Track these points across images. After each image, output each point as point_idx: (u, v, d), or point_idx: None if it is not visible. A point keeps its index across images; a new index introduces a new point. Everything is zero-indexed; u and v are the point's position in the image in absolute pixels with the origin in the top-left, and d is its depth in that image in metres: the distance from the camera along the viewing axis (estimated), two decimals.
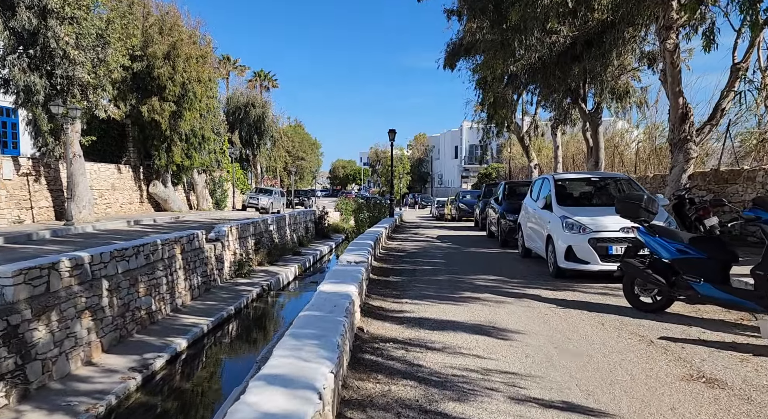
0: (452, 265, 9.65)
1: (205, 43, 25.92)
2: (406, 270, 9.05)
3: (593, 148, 16.30)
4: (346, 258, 7.56)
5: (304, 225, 28.44)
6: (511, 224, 11.91)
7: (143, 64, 21.25)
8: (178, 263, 12.49)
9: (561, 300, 6.44)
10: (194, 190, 29.76)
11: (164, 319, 11.27)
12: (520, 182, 15.59)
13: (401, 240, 14.91)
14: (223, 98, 39.69)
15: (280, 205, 37.00)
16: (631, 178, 9.24)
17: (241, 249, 17.56)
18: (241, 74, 57.87)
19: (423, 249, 12.29)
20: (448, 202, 34.08)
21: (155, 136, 23.29)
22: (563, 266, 7.67)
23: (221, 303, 13.05)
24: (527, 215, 9.99)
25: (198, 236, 13.84)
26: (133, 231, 17.34)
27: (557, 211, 8.15)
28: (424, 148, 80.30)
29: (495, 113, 23.16)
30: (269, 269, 18.76)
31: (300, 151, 55.27)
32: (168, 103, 21.91)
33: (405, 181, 69.17)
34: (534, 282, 7.68)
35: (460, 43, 23.05)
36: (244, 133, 38.61)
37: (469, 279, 8.06)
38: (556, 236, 7.87)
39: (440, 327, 5.26)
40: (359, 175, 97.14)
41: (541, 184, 9.56)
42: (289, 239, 24.70)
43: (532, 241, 9.59)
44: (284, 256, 21.66)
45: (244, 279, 16.45)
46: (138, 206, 24.12)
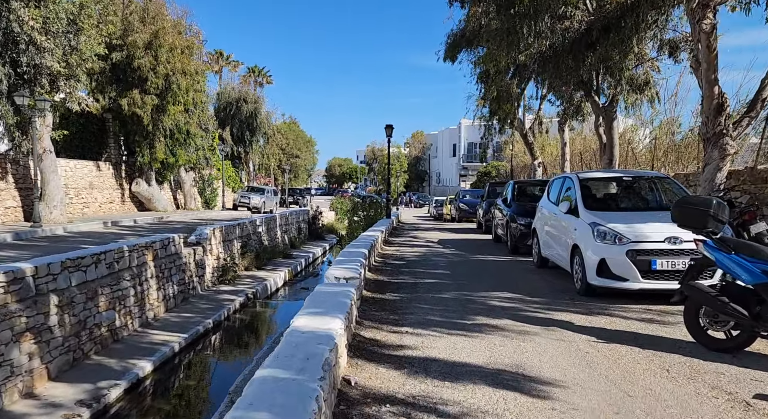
0: (459, 278, 8.35)
1: (191, 34, 24.51)
2: (406, 285, 7.75)
3: (607, 145, 15.01)
4: (334, 274, 6.26)
5: (296, 226, 27.11)
6: (522, 229, 10.63)
7: (123, 54, 19.86)
8: (150, 271, 11.15)
9: (599, 331, 5.15)
10: (181, 188, 28.38)
11: (131, 336, 9.95)
12: (531, 181, 14.28)
13: (399, 244, 13.61)
14: (214, 93, 38.33)
15: (272, 204, 35.64)
16: (671, 178, 7.96)
17: (226, 254, 16.24)
18: (234, 70, 56.42)
19: (423, 257, 11.00)
20: (447, 201, 32.78)
21: (137, 131, 21.90)
22: (595, 283, 6.38)
23: (199, 316, 11.73)
24: (544, 219, 8.70)
25: (174, 240, 12.51)
26: (109, 233, 15.98)
27: (585, 217, 6.86)
28: (422, 146, 79.00)
29: (498, 108, 21.87)
30: (257, 274, 17.44)
31: (294, 148, 53.86)
32: (150, 95, 20.53)
33: (402, 180, 67.85)
34: (559, 303, 6.39)
35: (462, 34, 21.75)
36: (235, 129, 37.20)
37: (481, 298, 6.77)
38: (584, 247, 6.58)
39: (453, 375, 3.97)
40: (356, 174, 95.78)
41: (561, 185, 8.27)
42: (280, 241, 23.38)
43: (550, 250, 8.30)
44: (274, 260, 20.34)
45: (227, 287, 15.13)
46: (119, 206, 22.74)
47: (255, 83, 58.22)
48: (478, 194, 26.83)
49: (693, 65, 10.04)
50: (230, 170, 37.40)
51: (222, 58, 55.73)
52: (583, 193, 7.30)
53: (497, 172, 44.28)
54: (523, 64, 15.28)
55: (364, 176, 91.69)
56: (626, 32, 11.98)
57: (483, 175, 46.73)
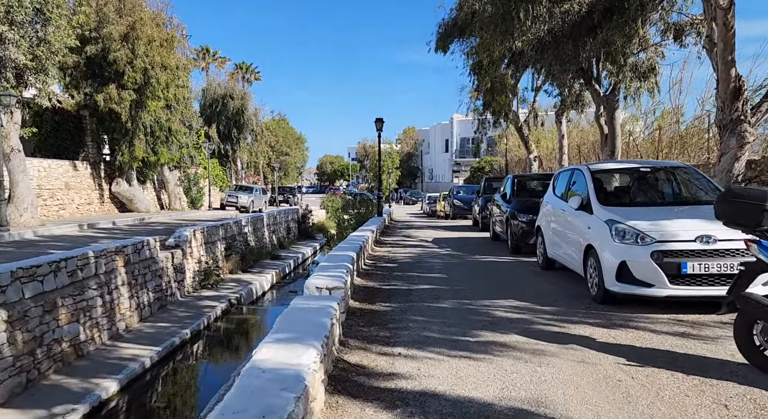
0: (457, 282, 7.53)
1: (172, 27, 23.49)
2: (399, 293, 6.92)
3: (608, 136, 14.24)
4: (316, 284, 5.42)
5: (285, 226, 26.20)
6: (524, 227, 9.82)
7: (98, 47, 18.83)
8: (121, 278, 10.25)
9: (628, 350, 4.34)
10: (165, 188, 27.38)
11: (98, 351, 9.05)
12: (531, 175, 13.45)
13: (391, 245, 12.77)
14: (199, 90, 37.27)
15: (261, 203, 34.68)
16: (695, 168, 7.16)
17: (208, 256, 15.34)
18: (221, 66, 55.27)
19: (417, 258, 10.17)
20: (440, 197, 32.00)
21: (115, 128, 20.89)
22: (614, 289, 5.57)
23: (176, 326, 10.84)
24: (550, 216, 7.89)
25: (149, 244, 11.60)
26: (83, 236, 15.03)
27: (600, 213, 6.05)
28: (414, 142, 78.15)
29: (492, 100, 21.07)
30: (242, 277, 16.55)
31: (284, 145, 52.82)
32: (127, 91, 19.52)
33: (394, 176, 66.99)
34: (574, 313, 5.58)
35: (454, 23, 20.92)
36: (222, 126, 36.16)
37: (484, 307, 5.95)
38: (601, 248, 5.77)
39: (460, 417, 3.14)
40: (347, 171, 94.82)
41: (569, 178, 7.46)
42: (268, 241, 22.48)
43: (557, 250, 7.50)
44: (261, 261, 19.45)
45: (210, 292, 14.24)
46: (99, 207, 21.74)
47: (243, 80, 57.18)
48: (472, 190, 26.06)
49: (707, 46, 9.26)
50: (217, 169, 36.41)
51: (208, 55, 54.62)
52: (595, 186, 6.48)
53: (491, 167, 43.56)
54: (519, 51, 14.47)
55: (356, 173, 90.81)
56: (630, 14, 11.21)
57: (476, 171, 45.99)
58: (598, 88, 14.09)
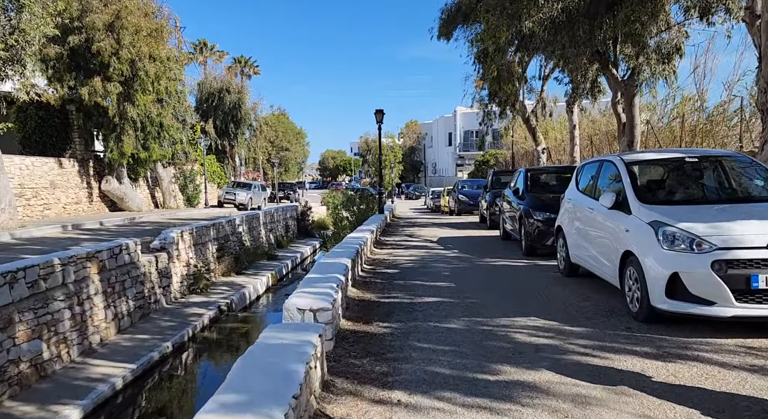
0: (467, 293, 6.51)
1: (162, 17, 22.44)
2: (400, 308, 5.90)
3: (626, 125, 13.15)
4: (297, 304, 4.42)
5: (283, 224, 25.22)
6: (540, 226, 8.78)
7: (81, 37, 17.81)
8: (94, 287, 9.28)
9: (700, 395, 3.32)
10: (159, 185, 26.41)
11: (65, 370, 8.09)
12: (546, 169, 12.34)
13: (392, 246, 11.75)
14: (194, 84, 36.24)
15: (260, 199, 33.70)
16: (751, 157, 6.09)
17: (198, 259, 14.37)
18: (219, 60, 54.21)
19: (421, 263, 9.14)
20: (444, 192, 30.93)
21: (102, 123, 19.92)
22: (663, 307, 4.54)
23: (156, 337, 9.87)
24: (573, 215, 6.85)
25: (128, 247, 10.62)
26: (65, 238, 14.08)
27: (641, 213, 5.01)
28: (417, 136, 76.98)
29: (499, 89, 19.96)
30: (235, 280, 15.59)
31: (284, 140, 51.77)
32: (113, 83, 18.50)
33: (397, 171, 65.90)
34: (614, 336, 4.56)
35: (458, 8, 19.80)
36: (219, 121, 35.13)
37: (502, 328, 4.93)
38: (644, 255, 4.74)
39: None
40: (350, 166, 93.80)
41: (597, 171, 6.41)
42: (265, 240, 21.50)
43: (583, 254, 6.47)
44: (256, 262, 18.48)
45: (199, 297, 13.27)
46: (87, 206, 20.78)
47: (242, 74, 56.15)
48: (478, 184, 25.00)
49: (747, 19, 8.19)
50: (215, 165, 35.43)
51: (206, 48, 53.61)
52: (632, 180, 5.43)
53: (496, 160, 42.50)
54: (529, 34, 13.34)
55: (358, 168, 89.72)
56: None
57: (481, 164, 44.94)
58: (616, 73, 12.98)
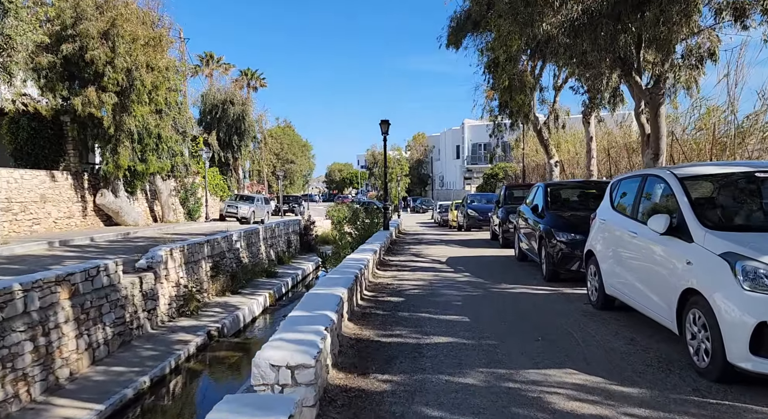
0: (485, 332, 5.48)
1: (162, 26, 21.78)
2: (404, 352, 4.88)
3: (651, 136, 12.12)
4: (271, 358, 3.43)
5: (285, 239, 24.29)
6: (564, 248, 7.74)
7: (75, 45, 17.09)
8: (64, 314, 8.32)
9: None
10: (159, 199, 25.59)
11: (22, 413, 7.09)
12: (569, 183, 11.25)
13: (397, 267, 10.72)
14: (198, 95, 35.69)
15: (263, 213, 32.83)
16: None
17: (189, 278, 13.41)
18: (225, 73, 53.96)
19: (429, 289, 8.12)
20: (452, 206, 29.94)
21: (98, 135, 19.15)
22: (745, 366, 3.51)
23: (134, 370, 8.87)
24: (609, 238, 5.83)
25: (107, 268, 9.68)
26: (48, 256, 13.19)
27: (708, 241, 3.98)
28: (424, 149, 76.15)
29: (510, 99, 19.01)
30: (229, 301, 14.61)
31: (289, 153, 51.06)
32: (108, 93, 17.73)
33: (404, 184, 64.97)
34: (681, 402, 3.51)
35: (467, 16, 18.98)
36: (222, 133, 34.41)
37: (533, 386, 3.90)
38: (715, 296, 3.71)
39: None
40: (356, 179, 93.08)
41: (639, 187, 5.40)
42: (265, 257, 20.56)
43: (622, 285, 5.45)
44: (255, 280, 17.52)
45: (188, 320, 12.29)
46: (81, 221, 19.94)
47: (248, 87, 55.83)
48: (487, 198, 23.99)
49: None
50: (217, 177, 34.64)
51: (212, 61, 53.44)
52: (690, 199, 4.41)
53: (505, 173, 41.49)
54: (545, 38, 12.41)
55: (365, 181, 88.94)
56: None
57: (490, 177, 43.95)
58: (640, 81, 11.98)
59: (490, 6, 17.89)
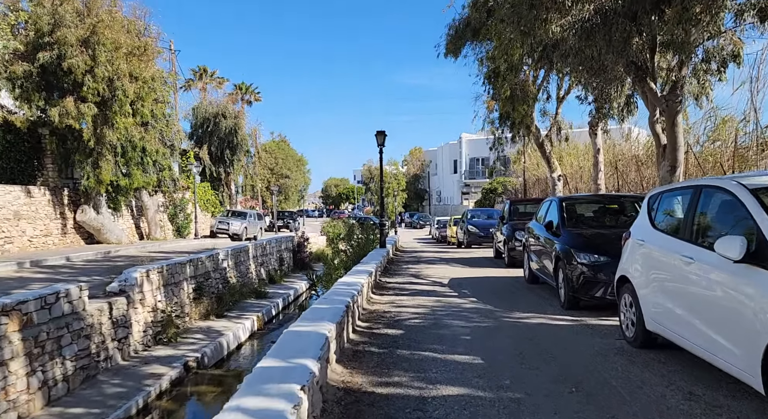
0: (503, 377, 4.46)
1: (149, 36, 20.94)
2: (403, 408, 3.84)
3: (667, 147, 11.22)
4: None
5: (277, 256, 23.20)
6: (587, 272, 6.74)
7: (52, 53, 16.19)
8: (11, 349, 7.23)
9: None
10: (145, 215, 24.54)
11: None
12: (585, 198, 10.22)
13: (394, 290, 9.69)
14: (189, 109, 34.87)
15: (256, 229, 31.83)
16: None
17: (168, 301, 12.32)
18: (219, 87, 53.17)
19: (432, 317, 7.09)
20: (450, 222, 29.04)
21: (78, 148, 18.16)
22: None
23: (92, 413, 7.77)
24: (652, 263, 4.84)
25: (69, 294, 8.60)
26: (14, 279, 12.12)
27: None
28: (421, 164, 75.44)
29: (513, 110, 18.17)
30: (213, 325, 13.50)
31: (284, 168, 50.13)
32: (88, 104, 16.79)
33: (401, 199, 64.08)
34: None
35: (466, 23, 18.22)
36: (214, 147, 33.49)
37: None
38: None
39: None
40: (353, 194, 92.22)
41: (691, 202, 4.41)
42: (255, 276, 19.46)
43: (672, 322, 4.44)
44: (242, 302, 16.40)
45: (164, 350, 11.18)
46: (59, 239, 18.86)
47: (242, 101, 55.19)
48: (488, 214, 23.06)
49: None
50: (209, 193, 33.68)
51: (206, 75, 52.72)
52: None
53: (504, 188, 40.65)
54: (552, 43, 11.56)
55: (361, 196, 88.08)
56: None
57: (488, 192, 43.12)
58: (654, 87, 11.12)
59: (491, 13, 17.14)
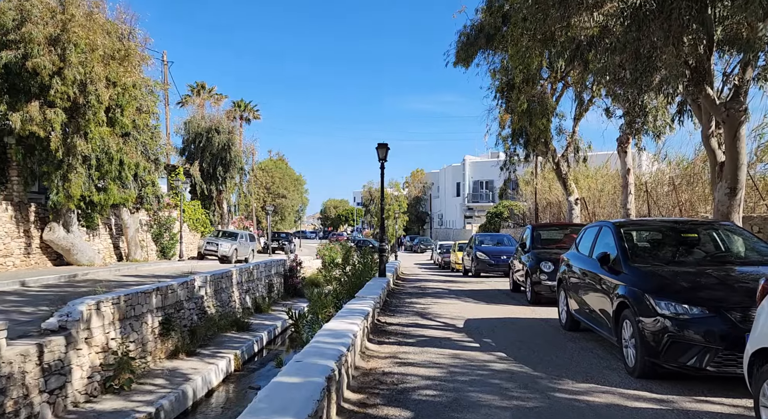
0: None
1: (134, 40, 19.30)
2: None
3: (726, 165, 9.37)
4: None
5: (266, 282, 21.16)
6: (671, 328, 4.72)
7: (18, 52, 14.48)
8: None
9: None
10: (125, 234, 22.58)
11: None
12: (653, 223, 7.86)
13: (396, 336, 7.67)
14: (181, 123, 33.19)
15: (248, 251, 29.81)
16: None
17: (125, 339, 10.28)
18: (216, 103, 51.81)
19: (450, 388, 5.07)
20: (455, 247, 27.03)
21: (46, 159, 16.32)
22: None
23: None
24: None
25: None
26: None
27: None
28: (422, 186, 73.68)
29: (530, 124, 16.38)
30: (181, 366, 11.43)
31: (281, 187, 48.31)
32: (55, 110, 15.01)
33: (401, 222, 62.10)
34: None
35: (479, 29, 16.61)
36: (206, 164, 31.71)
37: None
38: None
39: None
40: (352, 216, 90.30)
41: None
42: (238, 304, 17.40)
43: None
44: (221, 335, 14.33)
45: (113, 401, 9.10)
46: (21, 260, 16.86)
47: (241, 118, 53.91)
48: (498, 239, 21.13)
49: None
50: (199, 212, 31.77)
51: (204, 91, 51.50)
52: None
53: (510, 212, 38.73)
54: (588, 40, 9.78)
55: (361, 218, 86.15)
56: None
57: (494, 216, 41.19)
58: (712, 93, 9.30)
59: (507, 18, 15.49)
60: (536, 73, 16.10)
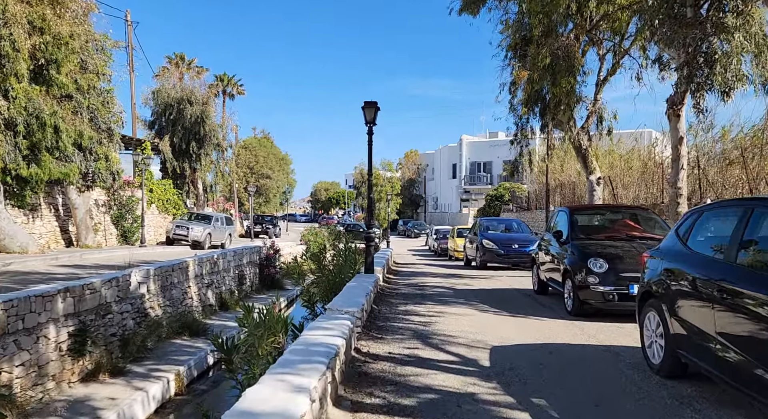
0: None
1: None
2: None
3: None
4: None
5: (235, 273, 18.17)
6: None
7: None
8: None
9: None
10: (74, 216, 19.49)
11: None
12: None
13: (383, 391, 4.71)
14: (149, 92, 29.88)
15: (224, 236, 26.72)
16: None
17: (9, 364, 7.33)
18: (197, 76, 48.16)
19: None
20: (453, 233, 24.20)
21: None
22: None
23: None
24: None
25: None
26: None
27: None
28: (416, 167, 70.56)
29: (553, 84, 13.33)
30: (97, 393, 8.44)
31: (265, 167, 45.09)
32: None
33: (394, 205, 59.09)
34: None
35: None
36: (177, 138, 28.53)
37: None
38: None
39: None
40: (343, 199, 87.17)
41: None
42: (197, 302, 14.42)
43: None
44: (166, 344, 11.39)
45: None
46: None
47: (224, 93, 50.48)
48: (507, 225, 18.27)
49: None
50: (170, 192, 28.60)
51: (183, 63, 47.72)
52: None
53: (512, 195, 35.86)
54: None
55: (352, 201, 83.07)
56: None
57: (493, 199, 38.30)
58: None
59: None
60: (563, 20, 13.07)
